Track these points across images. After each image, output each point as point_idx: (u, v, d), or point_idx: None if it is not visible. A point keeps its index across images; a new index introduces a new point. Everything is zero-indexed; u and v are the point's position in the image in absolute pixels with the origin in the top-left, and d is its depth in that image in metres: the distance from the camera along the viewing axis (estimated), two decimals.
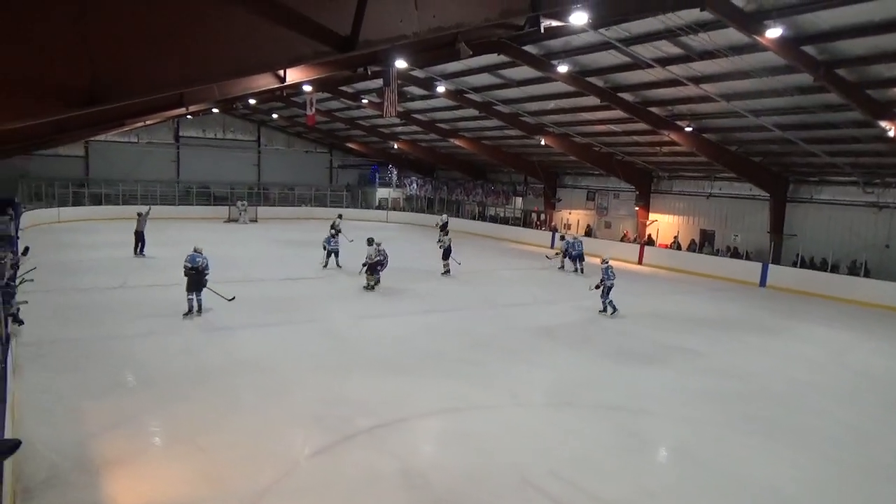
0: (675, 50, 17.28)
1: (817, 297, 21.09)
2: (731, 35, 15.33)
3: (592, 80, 21.06)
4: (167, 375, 10.61)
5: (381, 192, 47.79)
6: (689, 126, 22.74)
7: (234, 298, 15.70)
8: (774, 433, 9.39)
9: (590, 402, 10.37)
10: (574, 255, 24.07)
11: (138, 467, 7.46)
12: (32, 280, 14.92)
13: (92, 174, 39.87)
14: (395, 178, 48.00)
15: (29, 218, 30.18)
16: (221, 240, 27.12)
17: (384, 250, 18.54)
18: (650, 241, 28.94)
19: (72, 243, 25.84)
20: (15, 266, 14.17)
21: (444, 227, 30.47)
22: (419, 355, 12.44)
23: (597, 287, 16.97)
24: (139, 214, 24.21)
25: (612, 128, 25.77)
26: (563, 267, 24.68)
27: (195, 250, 14.89)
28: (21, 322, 12.00)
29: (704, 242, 27.73)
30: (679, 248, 27.87)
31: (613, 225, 32.62)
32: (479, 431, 8.94)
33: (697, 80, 18.69)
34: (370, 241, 18.69)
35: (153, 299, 16.29)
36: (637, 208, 30.55)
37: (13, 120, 3.42)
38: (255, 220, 39.24)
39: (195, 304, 14.76)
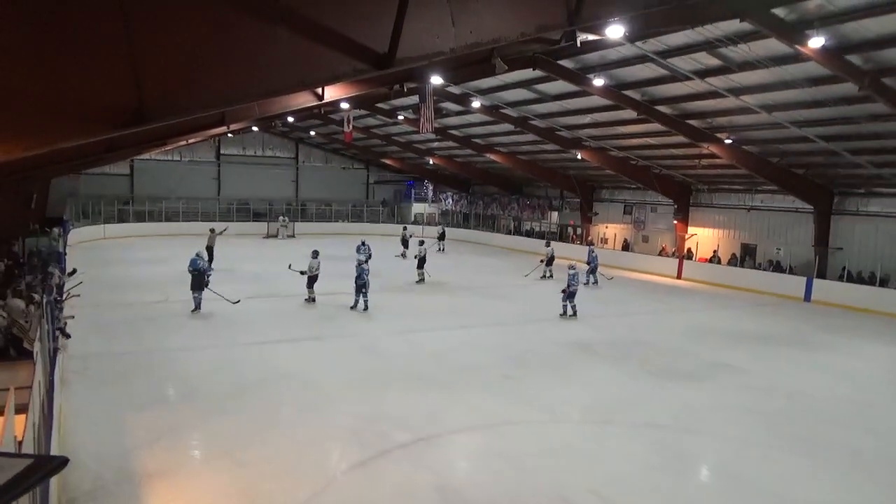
0: (713, 61, 17.07)
1: (865, 312, 20.45)
2: (772, 45, 15.08)
3: (629, 93, 20.92)
4: (207, 389, 10.77)
5: (417, 208, 48.02)
6: (728, 138, 22.38)
7: (238, 301, 17.20)
8: (821, 453, 9.09)
9: (630, 419, 10.18)
10: (591, 269, 24.13)
11: (179, 480, 7.56)
12: (79, 295, 15.36)
13: (136, 192, 41.00)
14: (430, 193, 48.20)
15: (76, 235, 31.10)
16: (261, 255, 27.53)
17: (364, 263, 17.95)
18: (689, 256, 28.48)
19: (117, 259, 26.51)
20: (62, 282, 14.61)
21: (441, 237, 34.75)
22: (456, 370, 12.39)
23: (562, 291, 17.96)
24: (211, 230, 25.54)
25: (650, 141, 25.52)
26: (547, 276, 24.69)
27: (197, 255, 16.91)
28: (68, 336, 12.32)
29: (746, 256, 27.17)
30: (719, 262, 27.34)
31: (651, 239, 32.20)
32: (516, 448, 8.84)
33: (737, 92, 18.41)
34: (314, 254, 18.77)
35: (193, 314, 16.57)
36: (675, 222, 30.12)
37: (64, 140, 3.53)
38: (293, 236, 39.75)
39: (198, 301, 16.71)
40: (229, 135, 37.21)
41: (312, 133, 41.88)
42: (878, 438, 9.84)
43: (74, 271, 17.39)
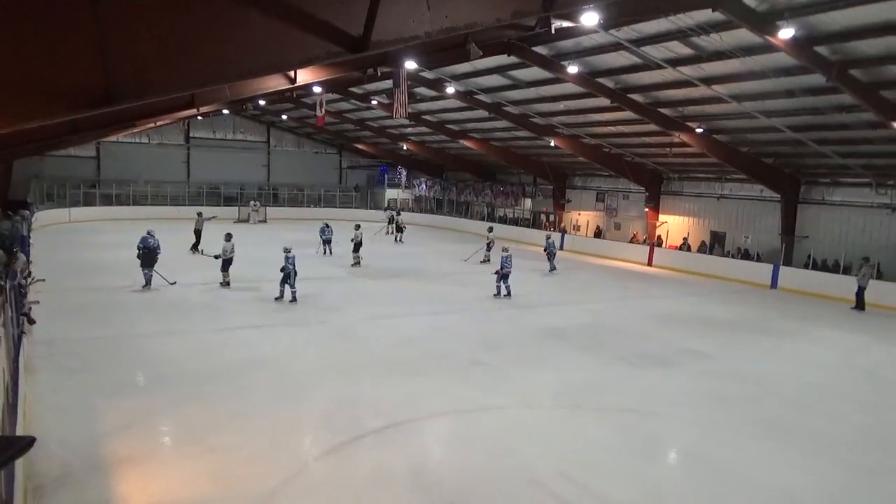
0: (685, 51, 17.22)
1: (829, 299, 20.92)
2: (743, 35, 15.26)
3: (603, 80, 21.02)
4: (179, 375, 10.66)
5: (390, 193, 47.84)
6: (699, 127, 22.66)
7: (175, 283, 17.79)
8: (786, 436, 9.32)
9: (599, 404, 10.33)
10: (548, 255, 24.29)
11: (150, 467, 7.49)
12: (44, 279, 15.05)
13: (103, 175, 40.18)
14: (404, 178, 48.04)
15: (41, 218, 30.38)
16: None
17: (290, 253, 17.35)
18: (660, 243, 28.83)
19: (83, 243, 26.02)
20: (26, 267, 14.28)
21: (391, 221, 34.94)
22: (429, 356, 12.43)
23: (495, 273, 18.64)
24: (199, 214, 26.02)
25: (622, 129, 25.71)
26: (486, 260, 24.74)
27: (148, 233, 17.60)
28: (33, 321, 12.09)
29: (715, 244, 27.60)
30: (689, 249, 27.75)
31: (623, 226, 32.53)
32: (488, 433, 8.92)
33: (708, 81, 18.62)
34: (227, 237, 18.84)
35: (164, 298, 16.37)
36: (647, 209, 30.46)
37: (28, 120, 3.44)
38: (264, 221, 39.36)
39: (149, 278, 17.41)
40: (199, 117, 36.60)
41: (284, 117, 41.38)
42: (838, 422, 10.11)
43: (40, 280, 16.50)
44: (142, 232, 17.95)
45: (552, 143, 29.22)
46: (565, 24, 15.01)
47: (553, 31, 15.13)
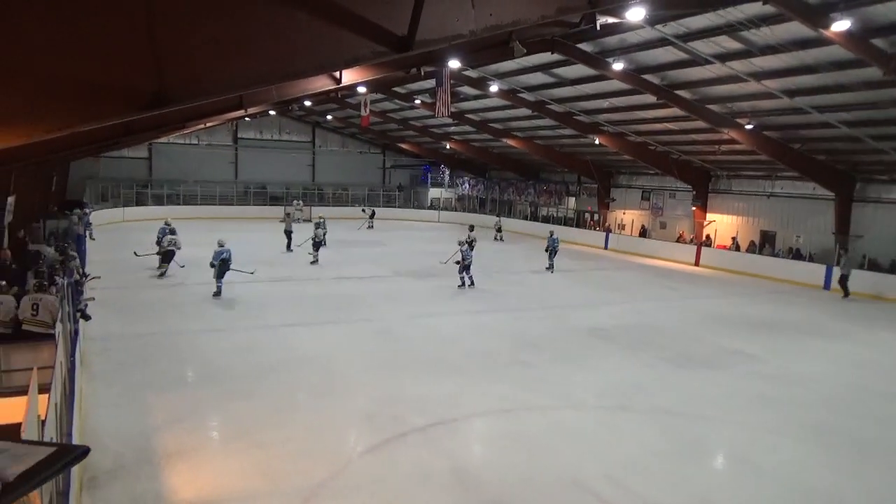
0: (735, 45, 16.80)
1: (885, 300, 20.19)
2: (795, 29, 14.81)
3: (649, 77, 20.67)
4: (227, 371, 10.89)
5: (434, 192, 47.95)
6: (749, 124, 22.06)
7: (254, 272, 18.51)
8: (836, 441, 9.04)
9: (645, 405, 10.16)
10: (550, 252, 23.69)
11: (198, 460, 7.66)
12: (99, 277, 15.54)
13: (155, 175, 41.28)
14: (447, 177, 48.10)
15: (96, 218, 31.39)
16: (278, 239, 27.64)
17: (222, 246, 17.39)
18: (707, 242, 28.24)
19: (136, 242, 26.71)
20: (82, 265, 14.76)
21: (372, 216, 37.00)
22: (472, 355, 12.42)
23: (456, 263, 19.53)
24: (287, 215, 27.12)
25: (669, 126, 25.24)
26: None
27: (219, 244, 17.06)
28: (88, 317, 12.48)
29: (765, 244, 26.88)
30: (738, 249, 27.08)
31: (669, 225, 31.94)
32: (531, 433, 8.87)
33: (758, 77, 18.13)
34: (170, 231, 20.05)
35: (212, 296, 16.72)
36: (694, 208, 29.83)
37: (83, 123, 3.54)
38: (308, 220, 39.88)
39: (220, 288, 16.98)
40: (247, 118, 37.30)
41: (329, 117, 41.85)
42: (889, 428, 9.75)
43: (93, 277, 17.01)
44: (193, 233, 18.42)
45: (597, 141, 28.88)
46: (610, 19, 14.85)
47: (598, 28, 15.00)
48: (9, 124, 3.02)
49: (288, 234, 25.91)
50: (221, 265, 16.82)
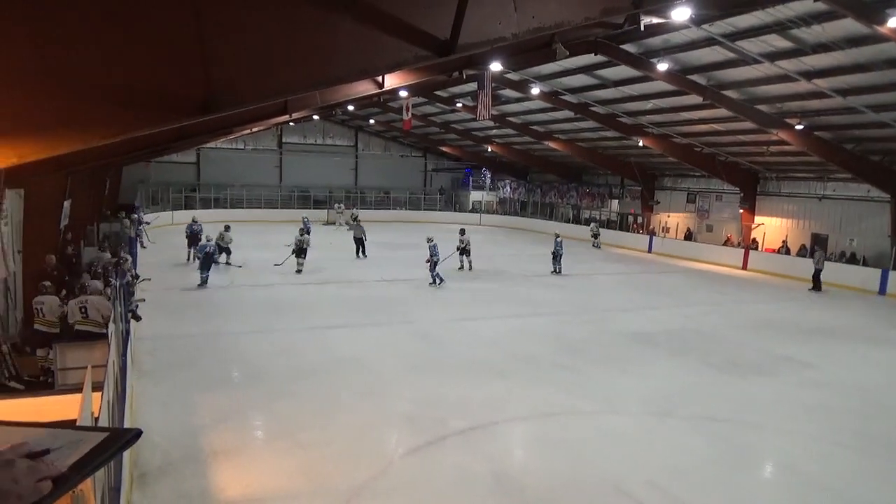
0: (784, 44, 16.38)
1: None
2: (848, 26, 14.37)
3: (694, 77, 20.30)
4: (270, 372, 11.07)
5: (475, 195, 47.93)
6: (799, 124, 21.46)
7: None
8: (886, 452, 8.70)
9: (690, 412, 9.96)
10: (556, 257, 23.33)
11: (243, 459, 7.80)
12: (150, 279, 15.97)
13: (203, 179, 42.27)
14: (488, 180, 48.03)
15: (146, 221, 32.23)
16: (319, 242, 28.05)
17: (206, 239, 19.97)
18: (756, 246, 27.56)
19: (185, 244, 27.38)
20: (133, 267, 15.19)
21: (355, 219, 34.12)
22: (512, 359, 12.36)
23: (426, 261, 19.75)
24: (356, 219, 27.19)
25: (716, 127, 24.74)
26: (461, 267, 22.84)
27: (207, 239, 19.62)
28: (139, 318, 12.84)
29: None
30: (788, 252, 26.35)
31: (715, 228, 31.28)
32: (573, 438, 8.78)
33: (810, 76, 17.63)
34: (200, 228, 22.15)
35: (259, 298, 17.05)
36: (741, 211, 29.16)
37: (138, 129, 3.65)
38: (350, 223, 40.26)
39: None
40: (291, 123, 37.89)
41: (371, 121, 42.24)
42: None
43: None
44: (239, 235, 18.81)
45: (640, 143, 28.48)
46: (655, 20, 14.63)
47: (642, 28, 14.78)
48: (67, 131, 3.13)
49: (358, 241, 25.06)
50: (206, 258, 18.62)
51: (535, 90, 25.32)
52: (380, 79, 12.03)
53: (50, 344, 9.11)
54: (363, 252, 24.69)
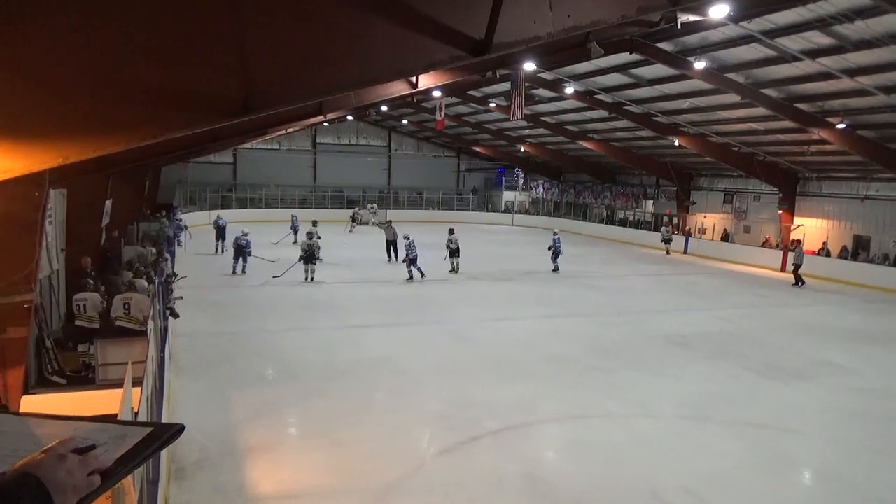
0: (826, 40, 15.99)
1: None
2: (892, 21, 13.97)
3: (732, 76, 19.93)
4: (304, 370, 11.19)
5: (508, 196, 47.80)
6: (841, 123, 20.93)
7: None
8: None
9: (727, 416, 9.78)
10: (553, 254, 23.19)
11: (278, 455, 7.90)
12: (187, 276, 16.28)
13: (239, 179, 42.93)
14: (521, 181, 47.84)
15: (184, 220, 32.86)
16: (354, 241, 28.30)
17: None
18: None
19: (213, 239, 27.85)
20: (172, 265, 15.51)
21: (353, 218, 35.66)
22: (545, 360, 12.29)
23: (404, 260, 20.37)
24: (389, 223, 27.23)
25: (754, 126, 24.25)
26: (454, 269, 22.11)
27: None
28: (177, 315, 13.09)
29: (858, 249, 25.42)
30: (829, 254, 25.72)
31: (753, 229, 30.69)
32: (606, 441, 8.69)
33: (852, 73, 17.18)
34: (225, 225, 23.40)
35: (290, 297, 17.25)
36: (780, 212, 28.55)
37: (177, 129, 3.72)
38: (382, 224, 40.44)
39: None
40: (325, 124, 38.22)
41: (405, 121, 42.42)
42: None
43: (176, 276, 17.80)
44: (274, 235, 18.87)
45: (676, 143, 28.07)
46: (692, 17, 14.42)
47: (679, 26, 14.58)
48: (108, 132, 3.21)
49: (390, 243, 24.53)
50: (238, 250, 20.43)
51: (569, 89, 25.12)
52: (414, 79, 12.08)
53: (90, 340, 9.35)
54: (395, 254, 24.70)
